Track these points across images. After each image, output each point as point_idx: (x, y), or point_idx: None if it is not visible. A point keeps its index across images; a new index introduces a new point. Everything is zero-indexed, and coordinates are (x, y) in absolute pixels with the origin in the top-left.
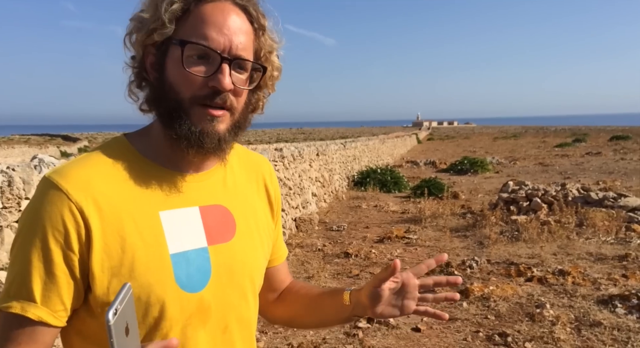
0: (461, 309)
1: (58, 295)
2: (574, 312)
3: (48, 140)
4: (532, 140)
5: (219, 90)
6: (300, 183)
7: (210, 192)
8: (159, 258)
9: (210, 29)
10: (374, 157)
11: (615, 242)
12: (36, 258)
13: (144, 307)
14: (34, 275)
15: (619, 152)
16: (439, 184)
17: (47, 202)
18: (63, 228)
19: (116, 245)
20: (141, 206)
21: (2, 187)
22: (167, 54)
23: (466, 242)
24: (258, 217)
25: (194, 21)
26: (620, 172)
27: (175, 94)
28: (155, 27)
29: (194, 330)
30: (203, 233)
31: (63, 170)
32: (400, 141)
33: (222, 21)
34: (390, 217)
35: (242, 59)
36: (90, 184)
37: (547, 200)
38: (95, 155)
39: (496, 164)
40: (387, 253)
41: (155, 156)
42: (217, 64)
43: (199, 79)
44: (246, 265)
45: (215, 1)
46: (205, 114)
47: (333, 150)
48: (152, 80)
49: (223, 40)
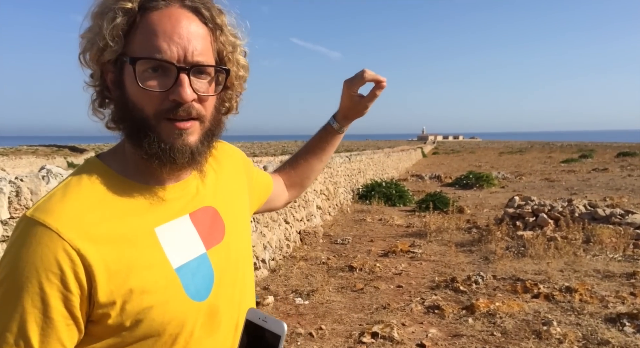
0: (467, 325)
1: (57, 339)
2: (582, 330)
3: (55, 151)
4: (538, 156)
5: (180, 103)
6: (305, 196)
7: (195, 197)
8: (165, 276)
9: (160, 40)
10: (379, 170)
11: (623, 260)
12: (30, 305)
13: (162, 326)
14: (29, 322)
15: (625, 168)
16: (444, 198)
17: (36, 244)
18: (59, 270)
19: (121, 272)
20: (135, 227)
21: (10, 198)
22: (123, 71)
23: (472, 257)
24: (241, 207)
25: (142, 34)
26: (627, 189)
27: (139, 111)
28: (103, 46)
29: (210, 334)
30: (199, 239)
31: (47, 207)
32: (406, 155)
33: (171, 29)
34: (395, 231)
35: (200, 65)
36: (79, 218)
37: (553, 215)
38: (74, 184)
39: (502, 179)
40: (392, 267)
41: (134, 174)
42: (174, 75)
43: (158, 93)
44: (240, 259)
45: (161, 9)
46: (173, 128)
47: (338, 163)
48: (115, 97)
49: (176, 49)
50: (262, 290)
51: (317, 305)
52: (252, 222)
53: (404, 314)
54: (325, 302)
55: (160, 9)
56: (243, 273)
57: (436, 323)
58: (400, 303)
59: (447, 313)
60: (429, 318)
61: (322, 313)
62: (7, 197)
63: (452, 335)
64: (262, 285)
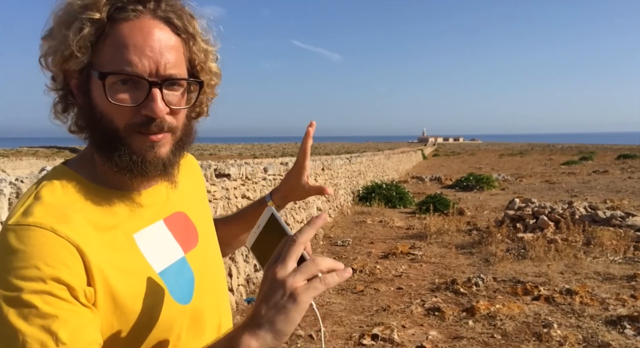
0: (467, 328)
1: (85, 330)
2: (582, 332)
3: (56, 153)
4: (538, 158)
5: (152, 118)
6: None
7: (167, 202)
8: (150, 280)
9: (131, 53)
10: (379, 172)
11: (624, 262)
12: (41, 302)
13: (151, 330)
14: (51, 322)
15: (626, 170)
16: (445, 200)
17: (32, 246)
18: (61, 264)
19: (110, 277)
20: (114, 233)
21: (11, 199)
22: (90, 81)
23: (472, 259)
24: (207, 212)
25: (111, 46)
26: (627, 191)
27: (108, 123)
28: (68, 55)
29: (196, 337)
30: (176, 243)
31: (30, 213)
32: (406, 157)
33: (142, 42)
34: (395, 233)
35: (173, 79)
36: (67, 219)
37: (554, 218)
38: (47, 192)
39: (502, 181)
40: (392, 269)
41: (105, 181)
42: (145, 89)
43: (129, 108)
44: (215, 262)
45: (131, 20)
46: (144, 141)
47: (338, 165)
48: (81, 104)
49: (147, 63)
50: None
51: (318, 307)
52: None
53: (404, 316)
54: (325, 304)
55: (131, 20)
56: (220, 276)
57: (436, 326)
58: (400, 305)
59: (447, 316)
60: (429, 320)
61: (322, 315)
62: (8, 198)
63: (453, 338)
64: None
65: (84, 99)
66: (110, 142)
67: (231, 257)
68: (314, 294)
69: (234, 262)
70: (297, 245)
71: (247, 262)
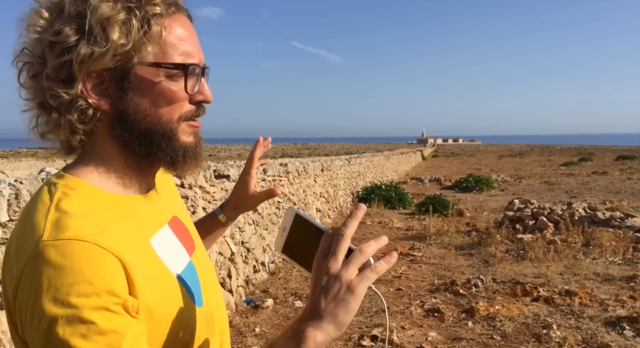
0: (466, 329)
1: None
2: (582, 333)
3: (55, 154)
4: (537, 159)
5: (202, 105)
6: (305, 199)
7: (165, 207)
8: (173, 285)
9: (188, 45)
10: (379, 173)
11: (623, 263)
12: (100, 318)
13: (178, 335)
14: (109, 337)
15: (625, 171)
16: (444, 201)
17: (77, 260)
18: (111, 276)
19: (143, 285)
20: (134, 239)
21: (10, 200)
22: (129, 77)
23: (471, 260)
24: (190, 216)
25: (166, 40)
26: (627, 192)
27: (156, 118)
28: (115, 53)
29: (210, 339)
30: (182, 247)
31: (62, 227)
32: (405, 158)
33: (190, 34)
34: (394, 234)
35: (208, 67)
36: (101, 229)
37: (553, 219)
38: (68, 203)
39: (501, 182)
40: (392, 270)
41: (113, 187)
42: (198, 77)
43: (184, 96)
44: (210, 264)
45: (171, 15)
46: (188, 129)
47: (338, 166)
48: (105, 109)
49: (199, 53)
50: (262, 292)
51: None
52: (252, 224)
53: (403, 317)
54: None
55: (171, 15)
56: (215, 277)
57: (436, 327)
58: (399, 307)
59: (446, 317)
60: (429, 321)
61: None
62: (7, 200)
63: (452, 339)
64: (262, 288)
65: (115, 99)
66: (160, 136)
67: (231, 258)
68: (368, 283)
69: (234, 263)
70: (345, 238)
71: (247, 263)
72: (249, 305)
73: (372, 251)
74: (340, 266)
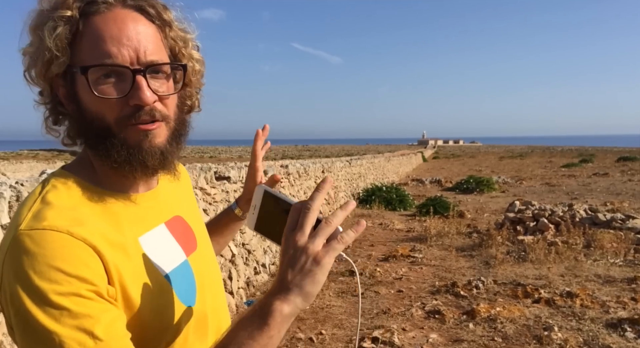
0: (467, 330)
1: (116, 321)
2: (583, 335)
3: (56, 156)
4: (538, 160)
5: (141, 107)
6: None
7: (166, 206)
8: (158, 283)
9: (108, 45)
10: (380, 174)
11: (624, 264)
12: (71, 303)
13: (160, 332)
14: (82, 320)
15: (626, 173)
16: (445, 203)
17: (49, 248)
18: (82, 264)
19: (122, 279)
20: (122, 237)
21: (11, 202)
22: (75, 82)
23: (472, 261)
24: (200, 216)
25: (88, 41)
26: (628, 194)
27: (100, 122)
28: (48, 59)
29: (201, 340)
30: (179, 246)
31: (41, 217)
32: (406, 159)
33: (118, 32)
34: (395, 235)
35: (156, 64)
36: (79, 221)
37: (554, 220)
38: (53, 196)
39: (502, 183)
40: (392, 271)
41: (108, 184)
42: (130, 79)
43: (117, 100)
44: (213, 265)
45: (103, 12)
46: (138, 131)
47: (338, 167)
48: (70, 112)
49: (127, 52)
50: (263, 294)
51: (317, 310)
52: None
53: (404, 319)
54: (325, 307)
55: (103, 12)
56: (218, 278)
57: (437, 328)
58: (400, 308)
59: (447, 318)
60: (430, 323)
61: (322, 318)
62: (8, 202)
63: (453, 340)
64: (263, 290)
65: (74, 104)
66: (106, 140)
67: (231, 260)
68: (335, 254)
69: (234, 265)
70: (312, 211)
71: (247, 265)
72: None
73: (339, 221)
74: (306, 238)
